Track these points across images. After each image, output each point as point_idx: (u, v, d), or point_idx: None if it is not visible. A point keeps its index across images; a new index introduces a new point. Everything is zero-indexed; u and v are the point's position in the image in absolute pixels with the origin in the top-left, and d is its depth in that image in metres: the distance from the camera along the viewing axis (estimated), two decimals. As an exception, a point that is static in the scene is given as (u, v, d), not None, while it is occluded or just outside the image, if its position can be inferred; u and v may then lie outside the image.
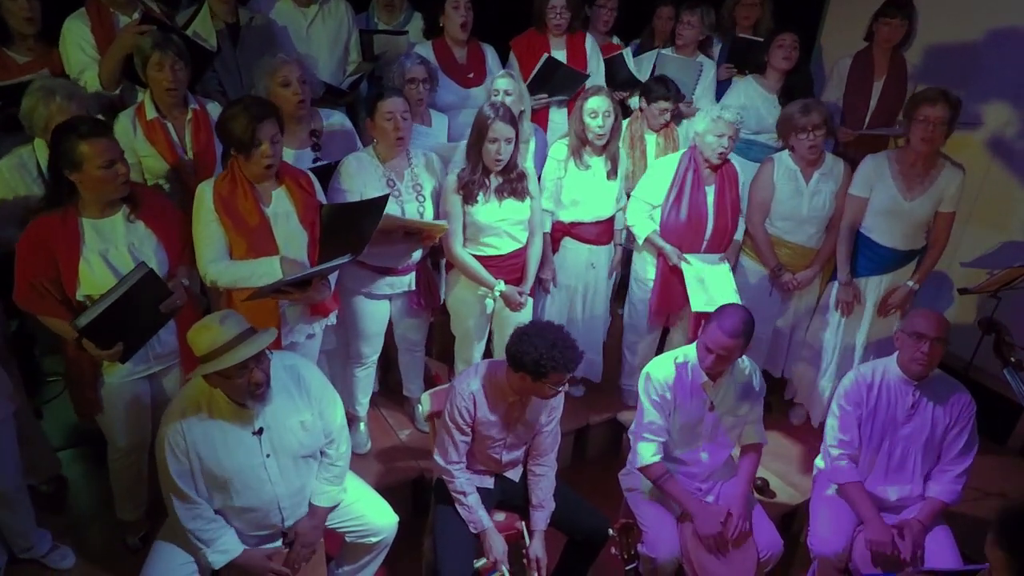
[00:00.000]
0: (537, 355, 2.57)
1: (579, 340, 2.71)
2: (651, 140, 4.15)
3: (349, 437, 2.85)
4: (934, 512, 3.00)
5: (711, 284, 3.61)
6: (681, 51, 4.52)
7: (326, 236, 2.97)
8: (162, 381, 2.98)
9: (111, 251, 2.68)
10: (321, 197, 3.04)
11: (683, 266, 3.67)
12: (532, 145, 3.76)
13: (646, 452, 3.00)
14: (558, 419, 3.02)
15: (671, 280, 3.74)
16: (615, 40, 4.66)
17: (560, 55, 4.21)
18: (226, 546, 2.59)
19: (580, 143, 3.66)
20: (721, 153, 3.58)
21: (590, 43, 4.41)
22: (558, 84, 4.17)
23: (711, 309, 3.09)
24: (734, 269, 3.80)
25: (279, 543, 2.75)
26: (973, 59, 4.58)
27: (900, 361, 3.01)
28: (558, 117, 4.34)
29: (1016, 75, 4.42)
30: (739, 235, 3.86)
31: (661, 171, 3.74)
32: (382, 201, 2.91)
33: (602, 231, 3.84)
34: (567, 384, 2.73)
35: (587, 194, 3.71)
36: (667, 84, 4.03)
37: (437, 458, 2.91)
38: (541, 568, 2.88)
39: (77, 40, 3.39)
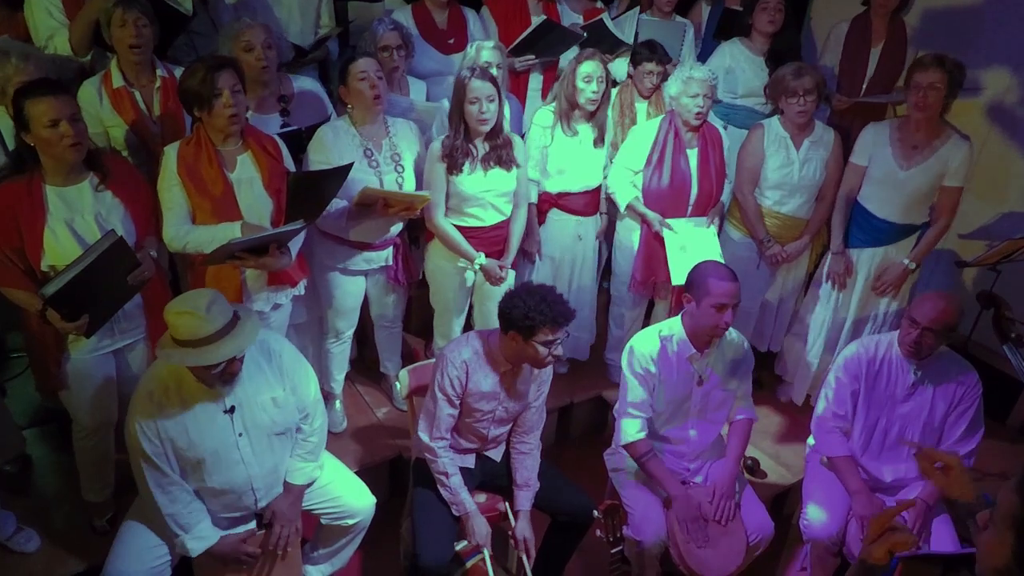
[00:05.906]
0: (526, 309, 2.55)
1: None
2: (641, 109, 4.03)
3: (324, 411, 2.81)
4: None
5: (695, 252, 3.51)
6: (659, 14, 4.39)
7: (290, 204, 2.93)
8: (127, 357, 2.92)
9: (77, 220, 2.62)
10: (289, 164, 2.99)
11: (666, 234, 3.61)
12: (507, 110, 3.65)
13: (631, 428, 2.94)
14: (545, 395, 2.96)
15: (655, 247, 3.68)
16: (599, 4, 4.52)
17: (535, 19, 4.07)
18: (204, 532, 2.55)
19: (570, 108, 3.58)
20: (698, 114, 3.52)
21: (561, 8, 4.29)
22: (549, 45, 4.05)
23: None
24: (719, 240, 3.73)
25: (252, 524, 2.69)
26: (974, 24, 4.44)
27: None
28: (535, 84, 4.22)
29: (1017, 41, 4.28)
30: (725, 197, 3.79)
31: (641, 136, 3.68)
32: (346, 168, 2.89)
33: (589, 201, 3.79)
34: (560, 347, 2.66)
35: (573, 162, 3.64)
36: (653, 47, 3.93)
37: (421, 434, 2.83)
38: (529, 549, 2.84)
39: (44, 4, 3.27)
